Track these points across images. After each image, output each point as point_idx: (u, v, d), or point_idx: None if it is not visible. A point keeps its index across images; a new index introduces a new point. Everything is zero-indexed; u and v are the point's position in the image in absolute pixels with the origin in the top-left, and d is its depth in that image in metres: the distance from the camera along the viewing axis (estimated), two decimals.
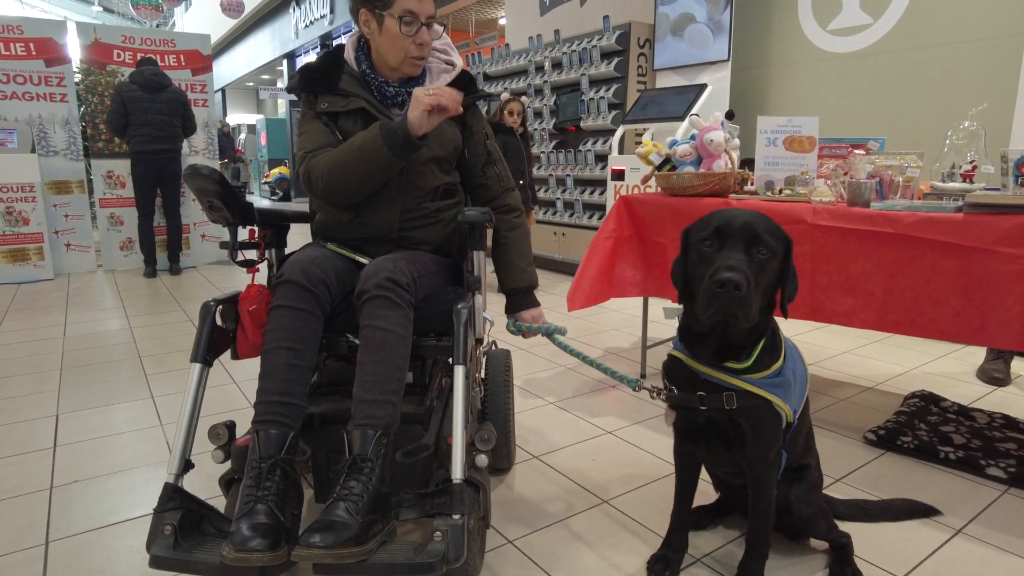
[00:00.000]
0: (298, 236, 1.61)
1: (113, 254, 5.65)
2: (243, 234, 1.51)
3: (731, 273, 1.11)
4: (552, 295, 4.56)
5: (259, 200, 14.54)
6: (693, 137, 2.44)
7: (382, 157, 1.40)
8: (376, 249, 1.55)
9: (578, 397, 2.56)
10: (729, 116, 2.70)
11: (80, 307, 4.20)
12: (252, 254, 1.49)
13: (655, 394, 1.37)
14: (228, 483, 1.39)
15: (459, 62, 1.64)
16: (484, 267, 1.62)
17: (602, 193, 4.89)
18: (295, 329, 1.29)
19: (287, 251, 1.67)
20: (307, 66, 1.57)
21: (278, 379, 1.26)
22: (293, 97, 13.93)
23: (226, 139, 13.76)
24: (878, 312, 2.01)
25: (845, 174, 2.17)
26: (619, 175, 4.41)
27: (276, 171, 14.70)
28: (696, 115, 2.49)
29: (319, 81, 1.54)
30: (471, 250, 1.59)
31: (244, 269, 1.44)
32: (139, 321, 3.80)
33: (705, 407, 1.27)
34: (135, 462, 2.03)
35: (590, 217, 5.03)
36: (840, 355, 3.09)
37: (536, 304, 1.72)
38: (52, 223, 5.30)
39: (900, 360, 3.02)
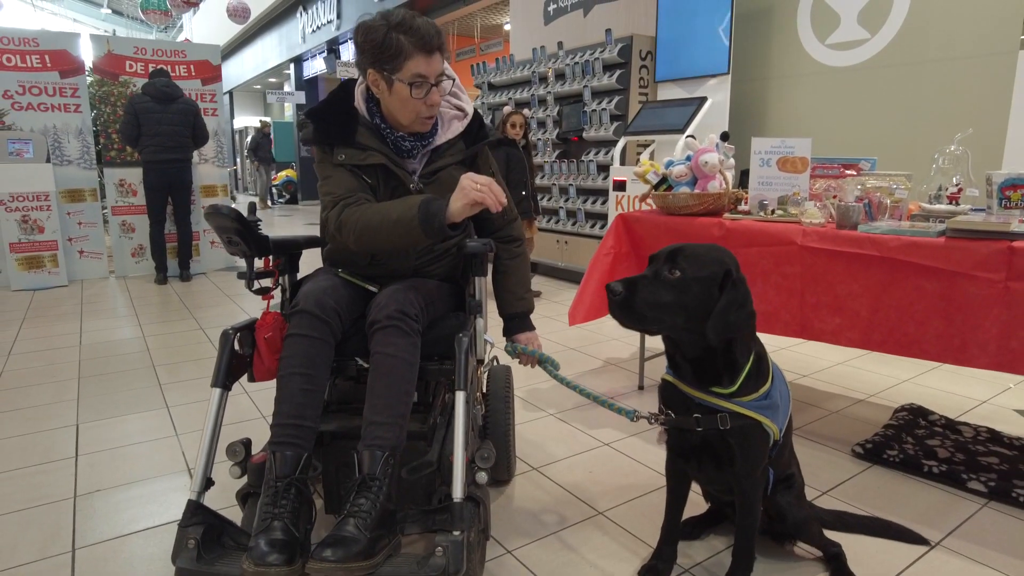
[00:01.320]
0: (307, 266, 1.70)
1: (125, 261, 5.77)
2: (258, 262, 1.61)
3: (614, 283, 1.30)
4: (555, 303, 4.65)
5: (272, 208, 14.61)
6: (689, 158, 2.53)
7: (415, 236, 1.44)
8: (388, 282, 1.62)
9: (577, 409, 2.65)
10: (724, 137, 2.77)
11: (94, 315, 4.32)
12: (267, 282, 1.59)
13: (652, 421, 1.44)
14: (244, 497, 1.49)
15: (470, 108, 1.68)
16: (485, 292, 1.71)
17: (604, 203, 4.98)
18: (308, 356, 1.39)
19: (300, 275, 1.77)
20: (320, 117, 1.58)
21: (293, 403, 1.36)
22: (301, 101, 14.08)
23: (265, 140, 13.69)
24: (864, 331, 2.09)
25: (834, 197, 2.24)
26: (620, 186, 4.49)
27: (284, 174, 14.83)
28: (692, 136, 2.57)
29: (335, 134, 1.57)
30: (473, 276, 1.68)
31: (260, 296, 1.53)
32: (152, 329, 3.91)
33: (701, 428, 1.36)
34: (153, 472, 2.13)
35: (592, 226, 5.12)
36: (833, 367, 3.17)
37: (531, 328, 1.81)
38: (66, 231, 5.43)
39: (892, 372, 3.09)
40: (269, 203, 13.77)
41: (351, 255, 1.64)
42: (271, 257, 1.61)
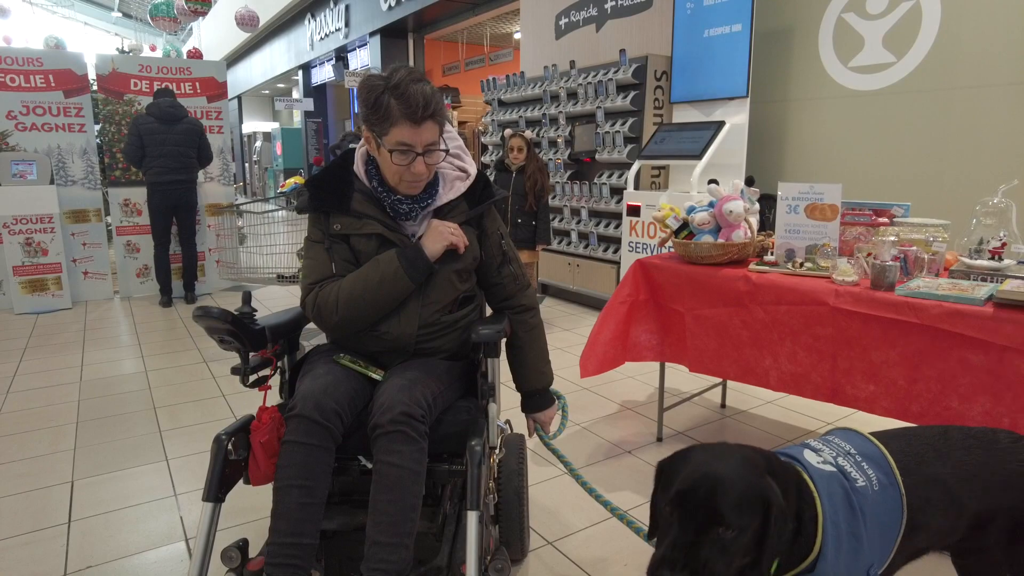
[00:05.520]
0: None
1: (130, 281, 5.69)
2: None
3: (664, 569, 1.00)
4: (565, 331, 4.53)
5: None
6: (712, 204, 2.40)
7: (403, 286, 1.45)
8: (391, 359, 1.52)
9: (593, 465, 2.53)
10: (749, 183, 2.65)
11: (97, 344, 4.23)
12: (262, 368, 1.47)
13: None
14: None
15: (473, 170, 1.60)
16: (498, 374, 1.59)
17: (617, 227, 4.85)
18: (306, 466, 1.28)
19: (300, 345, 1.66)
20: (317, 184, 1.53)
21: (290, 519, 1.25)
22: (309, 108, 14.01)
23: (356, 141, 13.55)
24: (901, 401, 1.95)
25: (869, 255, 2.11)
26: (634, 211, 4.37)
27: (291, 181, 14.77)
28: (715, 182, 2.45)
29: (330, 202, 1.51)
30: (485, 357, 1.56)
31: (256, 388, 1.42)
32: (154, 362, 3.81)
33: None
34: (147, 543, 2.03)
35: (605, 250, 4.99)
36: (855, 413, 3.02)
37: (551, 403, 1.70)
38: (70, 252, 5.35)
39: None
40: None
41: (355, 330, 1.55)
42: (269, 345, 1.49)
